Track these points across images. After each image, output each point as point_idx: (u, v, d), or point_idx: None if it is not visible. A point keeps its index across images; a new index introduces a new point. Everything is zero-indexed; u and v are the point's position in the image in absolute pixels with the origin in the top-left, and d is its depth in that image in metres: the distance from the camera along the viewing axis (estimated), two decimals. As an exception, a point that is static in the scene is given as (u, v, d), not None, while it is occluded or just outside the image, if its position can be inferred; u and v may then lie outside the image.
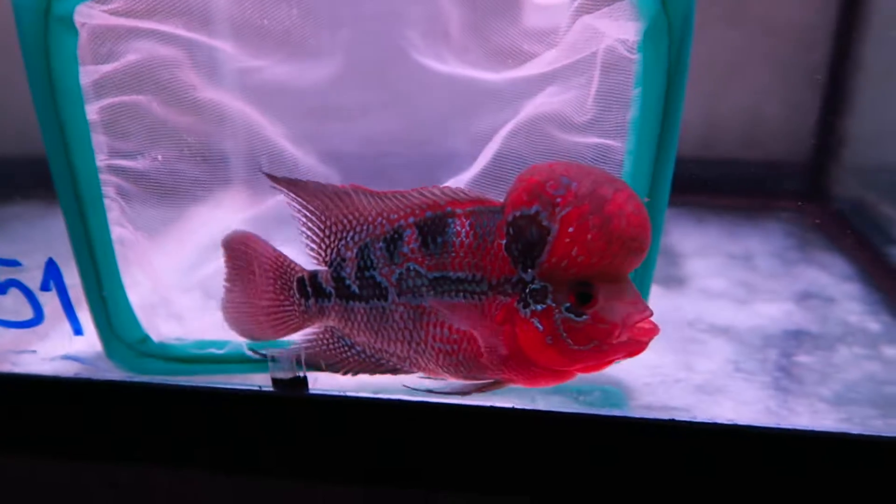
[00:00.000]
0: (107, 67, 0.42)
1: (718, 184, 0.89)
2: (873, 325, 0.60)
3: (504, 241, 0.38)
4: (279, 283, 0.43)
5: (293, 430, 0.42)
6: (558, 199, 0.36)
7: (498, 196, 0.42)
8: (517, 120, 0.50)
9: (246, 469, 0.43)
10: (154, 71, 0.43)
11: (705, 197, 0.89)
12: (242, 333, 0.45)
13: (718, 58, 0.89)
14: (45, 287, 0.43)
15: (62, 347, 0.47)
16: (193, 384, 0.43)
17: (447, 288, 0.39)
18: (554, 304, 0.37)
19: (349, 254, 0.42)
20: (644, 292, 0.48)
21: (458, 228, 0.39)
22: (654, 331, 0.37)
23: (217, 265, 0.48)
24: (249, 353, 0.49)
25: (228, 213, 0.52)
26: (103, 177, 0.44)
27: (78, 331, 0.45)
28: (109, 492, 0.44)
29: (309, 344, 0.43)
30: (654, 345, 0.57)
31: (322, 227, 0.42)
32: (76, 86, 0.43)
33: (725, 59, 0.88)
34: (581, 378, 0.52)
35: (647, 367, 0.53)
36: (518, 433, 0.43)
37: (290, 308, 0.43)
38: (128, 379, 0.44)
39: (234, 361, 0.50)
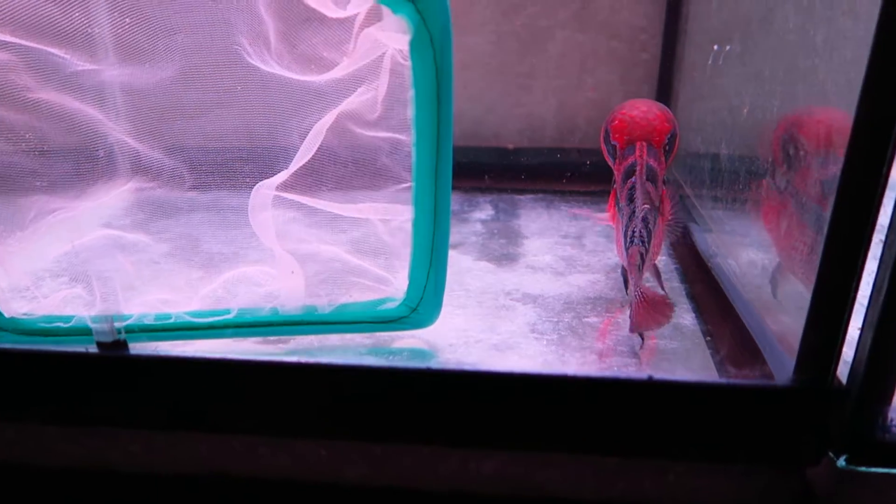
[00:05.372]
0: (-61, 72, 0.48)
1: (572, 172, 0.99)
2: (660, 291, 0.69)
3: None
4: None
5: (116, 384, 0.49)
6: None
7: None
8: (330, 118, 0.57)
9: (76, 419, 0.50)
10: (-15, 75, 0.49)
11: (559, 184, 0.99)
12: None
13: (569, 58, 0.98)
14: None
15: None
16: (34, 347, 0.50)
17: None
18: None
19: None
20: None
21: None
22: None
23: (66, 249, 0.55)
24: (91, 325, 0.55)
25: (74, 202, 0.58)
26: (-57, 169, 0.50)
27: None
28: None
29: None
30: (467, 312, 0.65)
31: None
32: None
33: (576, 59, 0.98)
34: (395, 341, 0.61)
35: (455, 331, 0.62)
36: (326, 385, 0.50)
37: None
38: (-29, 346, 0.50)
39: (80, 333, 0.56)
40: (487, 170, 0.99)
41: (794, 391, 0.45)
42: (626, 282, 0.67)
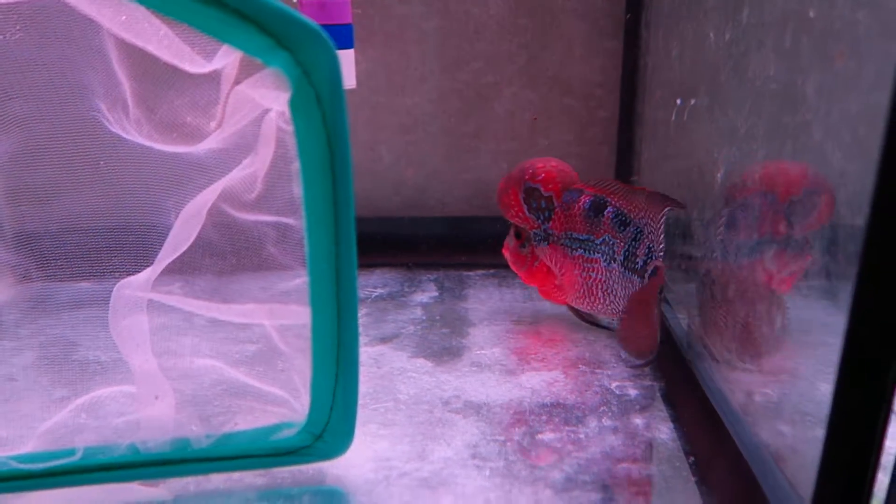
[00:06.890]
0: None
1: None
2: (632, 391, 0.57)
3: None
4: None
5: None
6: None
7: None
8: (204, 200, 0.45)
9: None
10: None
11: (514, 257, 0.87)
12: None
13: (519, 117, 0.88)
14: None
15: None
16: None
17: None
18: None
19: None
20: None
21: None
22: None
23: None
24: None
25: None
26: None
27: None
28: None
29: None
30: (394, 432, 0.53)
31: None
32: None
33: (526, 118, 0.88)
34: (295, 480, 0.47)
35: (375, 460, 0.49)
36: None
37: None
38: None
39: None
40: (432, 243, 0.87)
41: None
42: (580, 315, 0.71)
